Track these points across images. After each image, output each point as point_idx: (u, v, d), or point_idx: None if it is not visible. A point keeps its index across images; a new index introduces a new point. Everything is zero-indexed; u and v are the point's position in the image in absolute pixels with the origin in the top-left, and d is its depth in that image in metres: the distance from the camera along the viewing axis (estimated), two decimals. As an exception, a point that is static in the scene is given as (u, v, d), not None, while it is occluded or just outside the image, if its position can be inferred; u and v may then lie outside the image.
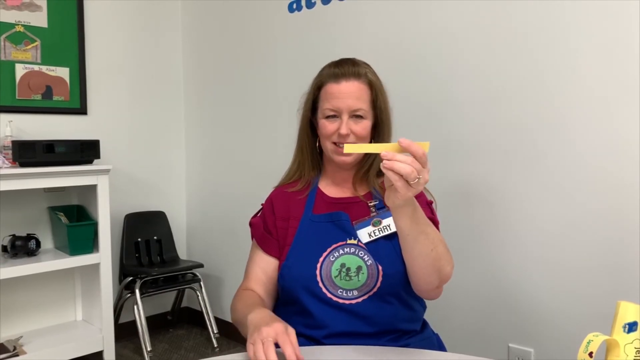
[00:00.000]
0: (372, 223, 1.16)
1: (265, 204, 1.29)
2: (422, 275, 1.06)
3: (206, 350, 2.80)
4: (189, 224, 3.25)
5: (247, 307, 1.08)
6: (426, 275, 1.05)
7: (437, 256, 1.02)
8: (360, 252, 1.13)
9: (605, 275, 1.58)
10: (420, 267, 1.04)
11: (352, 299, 1.11)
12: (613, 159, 1.55)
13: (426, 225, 1.00)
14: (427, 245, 1.00)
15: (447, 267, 1.06)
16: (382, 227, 1.15)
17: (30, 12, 2.57)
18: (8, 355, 2.21)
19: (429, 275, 1.05)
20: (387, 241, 1.14)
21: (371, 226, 1.16)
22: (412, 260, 1.04)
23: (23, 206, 2.54)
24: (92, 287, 2.56)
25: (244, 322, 1.03)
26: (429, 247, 1.00)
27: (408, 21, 2.04)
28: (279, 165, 1.38)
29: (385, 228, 1.15)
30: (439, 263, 1.03)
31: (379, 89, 1.19)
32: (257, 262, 1.23)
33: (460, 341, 1.89)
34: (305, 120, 1.25)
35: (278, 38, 2.58)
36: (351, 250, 1.14)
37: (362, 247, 1.14)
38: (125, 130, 2.94)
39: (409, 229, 0.97)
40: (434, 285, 1.08)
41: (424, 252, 1.01)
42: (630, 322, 0.78)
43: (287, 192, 1.26)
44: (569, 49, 1.62)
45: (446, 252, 1.06)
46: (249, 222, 1.29)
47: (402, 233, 0.99)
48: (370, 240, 1.14)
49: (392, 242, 1.14)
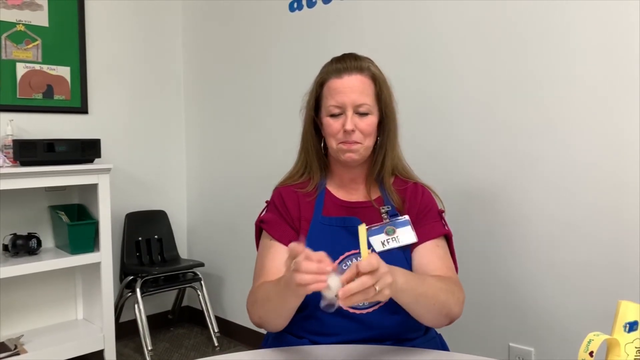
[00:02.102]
0: (385, 231, 1.14)
1: (274, 200, 1.23)
2: (430, 322, 1.10)
3: (207, 349, 2.81)
4: (189, 223, 3.25)
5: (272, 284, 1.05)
6: (435, 321, 1.09)
7: (440, 306, 1.05)
8: None
9: (606, 275, 1.58)
10: (427, 319, 1.08)
11: (363, 309, 1.10)
12: (613, 159, 1.55)
13: (420, 284, 1.01)
14: (427, 302, 1.02)
15: (455, 309, 1.08)
16: (395, 237, 1.13)
17: (31, 11, 2.57)
18: (9, 354, 2.21)
19: (437, 321, 1.09)
20: (400, 251, 1.13)
21: (384, 234, 1.13)
22: (418, 317, 1.07)
23: (24, 205, 2.54)
24: (93, 286, 2.56)
25: (275, 291, 1.01)
26: (430, 303, 1.03)
27: (409, 21, 2.04)
28: (279, 164, 1.37)
29: (398, 239, 1.13)
30: (445, 310, 1.06)
31: (382, 83, 1.17)
32: (274, 257, 1.15)
33: (461, 341, 1.89)
34: (308, 119, 1.22)
35: (279, 37, 2.58)
36: None
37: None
38: (126, 130, 2.94)
39: (407, 300, 0.99)
40: (444, 324, 1.11)
41: (427, 309, 1.04)
42: (630, 322, 0.78)
43: (297, 192, 1.21)
44: (570, 49, 1.62)
45: (449, 296, 1.07)
46: (258, 220, 1.23)
47: (402, 304, 1.01)
48: (384, 250, 1.12)
49: (404, 252, 1.13)
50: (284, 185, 1.25)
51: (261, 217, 1.23)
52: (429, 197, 1.23)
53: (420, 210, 1.19)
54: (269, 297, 1.05)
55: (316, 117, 1.21)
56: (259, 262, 1.19)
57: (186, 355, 2.71)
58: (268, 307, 1.06)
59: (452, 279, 1.12)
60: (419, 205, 1.20)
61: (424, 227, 1.17)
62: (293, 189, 1.22)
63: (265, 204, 1.26)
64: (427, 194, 1.23)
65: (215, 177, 3.03)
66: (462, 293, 1.11)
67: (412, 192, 1.21)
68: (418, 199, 1.20)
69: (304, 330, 1.13)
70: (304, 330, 1.13)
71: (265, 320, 1.09)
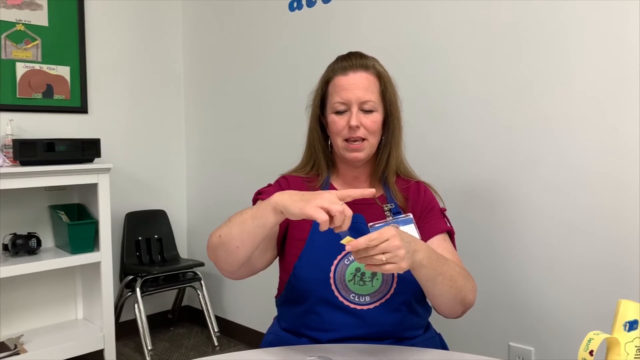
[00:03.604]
0: None
1: (279, 181, 1.23)
2: (445, 308, 1.09)
3: (207, 348, 2.81)
4: (189, 223, 3.25)
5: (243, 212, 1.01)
6: (449, 307, 1.08)
7: (457, 290, 1.05)
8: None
9: (606, 274, 1.58)
10: (442, 303, 1.07)
11: (364, 305, 1.10)
12: (613, 159, 1.55)
13: (441, 264, 1.01)
14: (445, 283, 1.02)
15: (470, 296, 1.09)
16: None
17: (30, 10, 2.57)
18: (9, 353, 2.21)
19: (452, 307, 1.08)
20: None
21: None
22: (433, 298, 1.07)
23: (24, 205, 2.54)
24: (93, 286, 2.56)
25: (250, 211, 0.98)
26: (447, 285, 1.03)
27: (408, 20, 2.03)
28: (279, 163, 1.38)
29: None
30: (460, 295, 1.06)
31: (387, 81, 1.18)
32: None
33: (461, 340, 1.89)
34: (314, 117, 1.22)
35: (279, 37, 2.58)
36: None
37: None
38: (126, 129, 2.94)
39: (425, 277, 0.99)
40: (458, 313, 1.11)
41: (444, 290, 1.03)
42: (630, 321, 0.78)
43: (304, 183, 1.21)
44: (569, 49, 1.62)
45: (466, 281, 1.07)
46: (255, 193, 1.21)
47: (419, 280, 1.01)
48: None
49: None
50: (294, 175, 1.24)
51: (259, 190, 1.22)
52: (431, 196, 1.24)
53: (424, 208, 1.20)
54: (241, 214, 1.01)
55: (322, 115, 1.21)
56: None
57: (186, 355, 2.71)
58: (235, 221, 1.01)
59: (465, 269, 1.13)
60: (422, 203, 1.21)
61: (429, 223, 1.18)
62: (301, 180, 1.22)
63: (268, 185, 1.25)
64: (429, 192, 1.24)
65: (215, 177, 3.03)
66: (474, 282, 1.12)
67: (415, 191, 1.22)
68: (421, 197, 1.21)
69: (303, 325, 1.13)
70: (302, 325, 1.13)
71: (223, 241, 1.02)
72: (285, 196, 0.92)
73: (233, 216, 1.03)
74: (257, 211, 0.97)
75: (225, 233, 1.02)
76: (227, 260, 1.05)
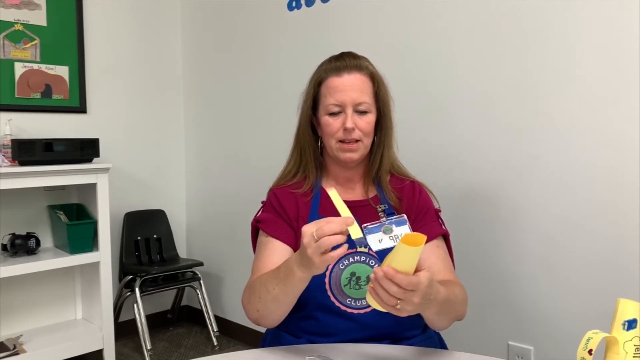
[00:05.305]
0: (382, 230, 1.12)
1: (270, 200, 1.22)
2: (437, 327, 1.11)
3: (206, 348, 2.81)
4: (188, 223, 3.25)
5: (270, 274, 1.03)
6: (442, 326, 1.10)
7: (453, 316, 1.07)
8: (371, 260, 1.11)
9: (605, 273, 1.58)
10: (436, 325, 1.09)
11: (361, 309, 1.09)
12: (613, 158, 1.55)
13: (447, 304, 1.00)
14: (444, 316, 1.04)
15: (461, 314, 1.11)
16: (393, 235, 1.12)
17: (29, 10, 2.56)
18: (8, 353, 2.21)
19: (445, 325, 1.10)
20: None
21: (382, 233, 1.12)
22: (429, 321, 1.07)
23: (23, 205, 2.54)
24: (92, 286, 2.56)
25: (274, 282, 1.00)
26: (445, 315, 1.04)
27: (407, 20, 2.03)
28: (278, 164, 1.37)
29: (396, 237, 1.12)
30: (455, 315, 1.08)
31: (380, 81, 1.18)
32: (271, 253, 1.14)
33: (460, 339, 1.88)
34: (305, 118, 1.21)
35: (277, 36, 2.58)
36: (362, 259, 1.11)
37: (373, 255, 1.11)
38: (125, 129, 2.94)
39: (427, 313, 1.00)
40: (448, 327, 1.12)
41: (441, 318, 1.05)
42: (629, 320, 0.78)
43: (293, 193, 1.20)
44: (569, 48, 1.62)
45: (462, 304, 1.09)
46: (254, 220, 1.22)
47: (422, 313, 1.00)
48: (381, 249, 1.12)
49: None
50: (278, 187, 1.24)
51: (257, 217, 1.22)
52: (426, 197, 1.23)
53: (419, 210, 1.20)
54: (267, 289, 1.02)
55: (314, 116, 1.20)
56: (255, 260, 1.18)
57: (185, 355, 2.71)
58: (266, 298, 1.03)
59: (457, 283, 1.13)
60: (418, 205, 1.20)
61: (423, 227, 1.17)
62: (288, 189, 1.21)
63: (261, 204, 1.26)
64: (424, 193, 1.24)
65: (214, 177, 3.03)
66: (466, 294, 1.13)
67: (409, 191, 1.21)
68: (416, 199, 1.20)
69: (302, 330, 1.13)
70: (301, 330, 1.13)
71: (263, 315, 1.06)
72: (301, 262, 0.92)
73: (260, 288, 1.05)
74: (284, 287, 0.99)
75: (263, 308, 1.05)
76: (274, 323, 1.10)
